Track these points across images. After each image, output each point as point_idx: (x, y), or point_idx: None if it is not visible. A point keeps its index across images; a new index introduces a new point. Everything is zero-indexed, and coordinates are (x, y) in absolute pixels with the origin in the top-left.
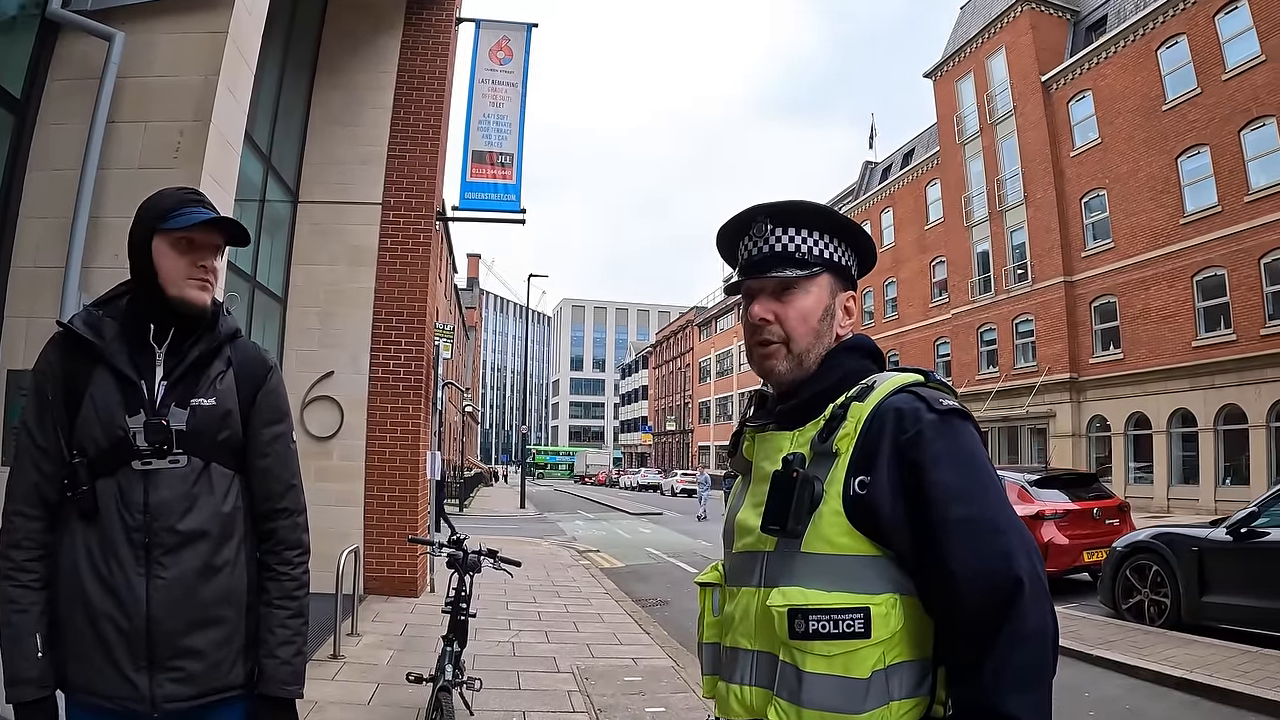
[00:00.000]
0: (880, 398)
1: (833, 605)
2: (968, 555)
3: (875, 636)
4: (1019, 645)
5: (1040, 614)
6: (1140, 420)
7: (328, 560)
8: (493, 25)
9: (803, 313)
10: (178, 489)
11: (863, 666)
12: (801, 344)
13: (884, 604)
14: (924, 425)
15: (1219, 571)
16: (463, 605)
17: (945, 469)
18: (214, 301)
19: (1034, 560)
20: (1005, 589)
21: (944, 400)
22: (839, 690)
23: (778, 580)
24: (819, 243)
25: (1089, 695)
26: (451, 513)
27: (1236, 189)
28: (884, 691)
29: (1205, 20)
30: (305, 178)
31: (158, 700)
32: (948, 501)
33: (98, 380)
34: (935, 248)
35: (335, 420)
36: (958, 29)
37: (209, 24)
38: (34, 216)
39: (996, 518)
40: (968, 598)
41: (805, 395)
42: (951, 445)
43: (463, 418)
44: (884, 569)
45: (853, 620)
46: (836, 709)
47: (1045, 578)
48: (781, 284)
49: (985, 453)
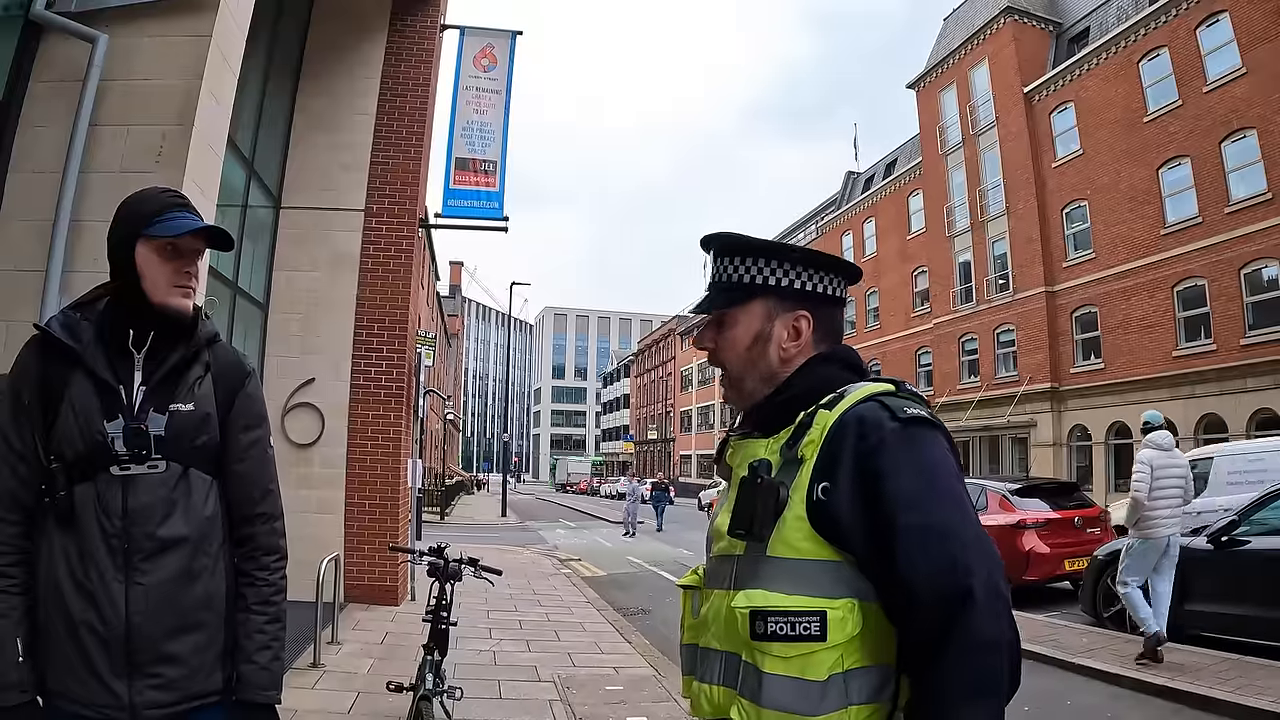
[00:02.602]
0: (846, 406)
1: (790, 607)
2: (918, 563)
3: (831, 640)
4: (968, 655)
5: (992, 625)
6: (1121, 430)
7: (308, 568)
8: (477, 32)
9: (731, 341)
10: (156, 494)
11: (819, 669)
12: (734, 370)
13: (841, 608)
14: (885, 433)
15: (1200, 580)
16: (444, 614)
17: (902, 477)
18: (194, 306)
19: (989, 570)
20: (954, 598)
21: (909, 409)
22: (796, 691)
23: (745, 583)
24: (752, 270)
25: (1071, 704)
26: (432, 521)
27: (1217, 200)
28: (842, 695)
29: (1187, 33)
30: (288, 183)
31: (137, 707)
32: (902, 509)
33: (76, 385)
34: (917, 258)
35: (316, 427)
36: (941, 40)
37: (193, 28)
38: (15, 219)
39: (951, 526)
40: (917, 605)
41: (771, 405)
42: (911, 454)
43: (444, 426)
44: (844, 574)
45: (809, 623)
46: (793, 710)
47: (1004, 588)
48: (718, 316)
49: (952, 462)
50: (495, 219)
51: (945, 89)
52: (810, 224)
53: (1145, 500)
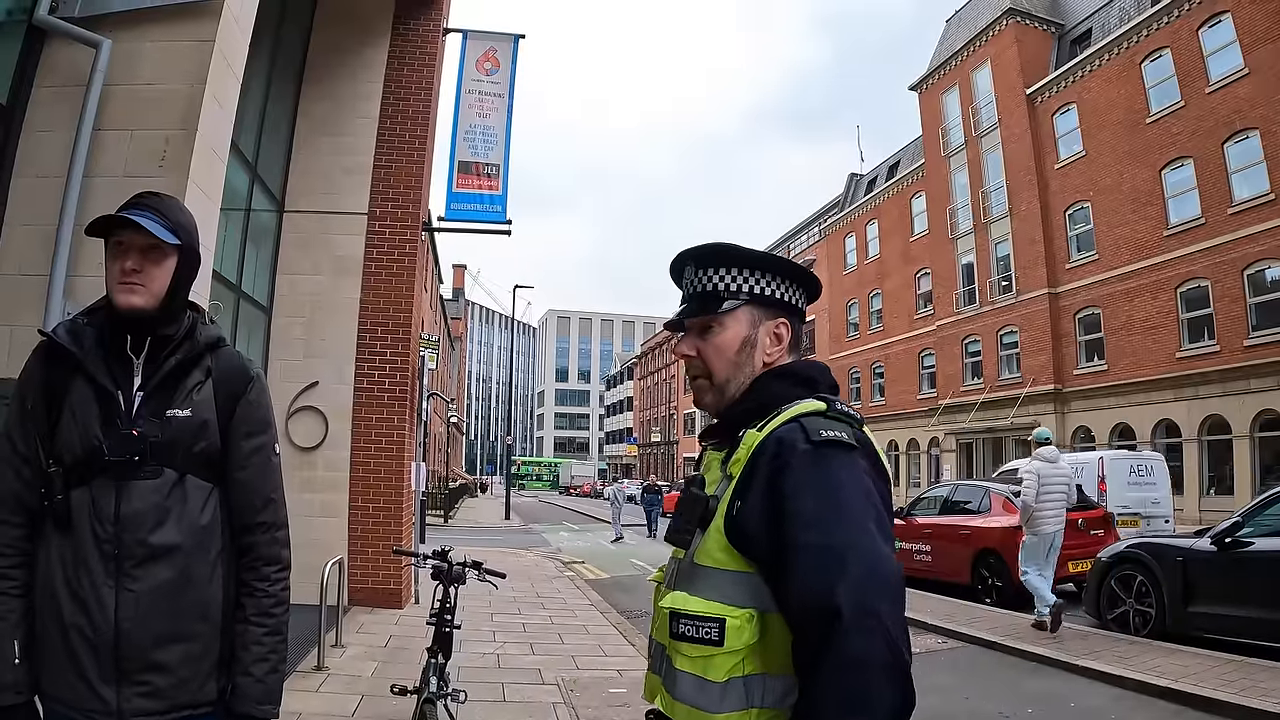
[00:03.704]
0: (772, 428)
1: (697, 612)
2: (801, 581)
3: (728, 646)
4: (837, 673)
5: (863, 645)
6: (1125, 431)
7: (312, 571)
8: (480, 36)
9: (719, 347)
10: (150, 501)
11: (718, 671)
12: (721, 375)
13: (740, 618)
14: (795, 455)
15: (1203, 581)
16: (447, 617)
17: (803, 497)
18: (193, 308)
19: (865, 591)
20: (824, 617)
21: (825, 431)
22: (698, 689)
23: (677, 585)
24: (737, 279)
25: (1074, 705)
26: (437, 524)
27: (1220, 201)
28: (743, 698)
29: (1189, 34)
30: (291, 187)
31: (125, 714)
32: (799, 528)
33: (75, 390)
34: (920, 260)
35: (320, 430)
36: (943, 42)
37: (196, 33)
38: (19, 224)
39: (838, 547)
40: (797, 622)
41: (726, 419)
42: (816, 475)
43: (448, 429)
44: (751, 585)
45: (710, 628)
46: (696, 705)
47: (884, 609)
48: (703, 323)
49: (863, 484)
50: (498, 222)
51: (948, 91)
52: (813, 226)
53: (1032, 503)
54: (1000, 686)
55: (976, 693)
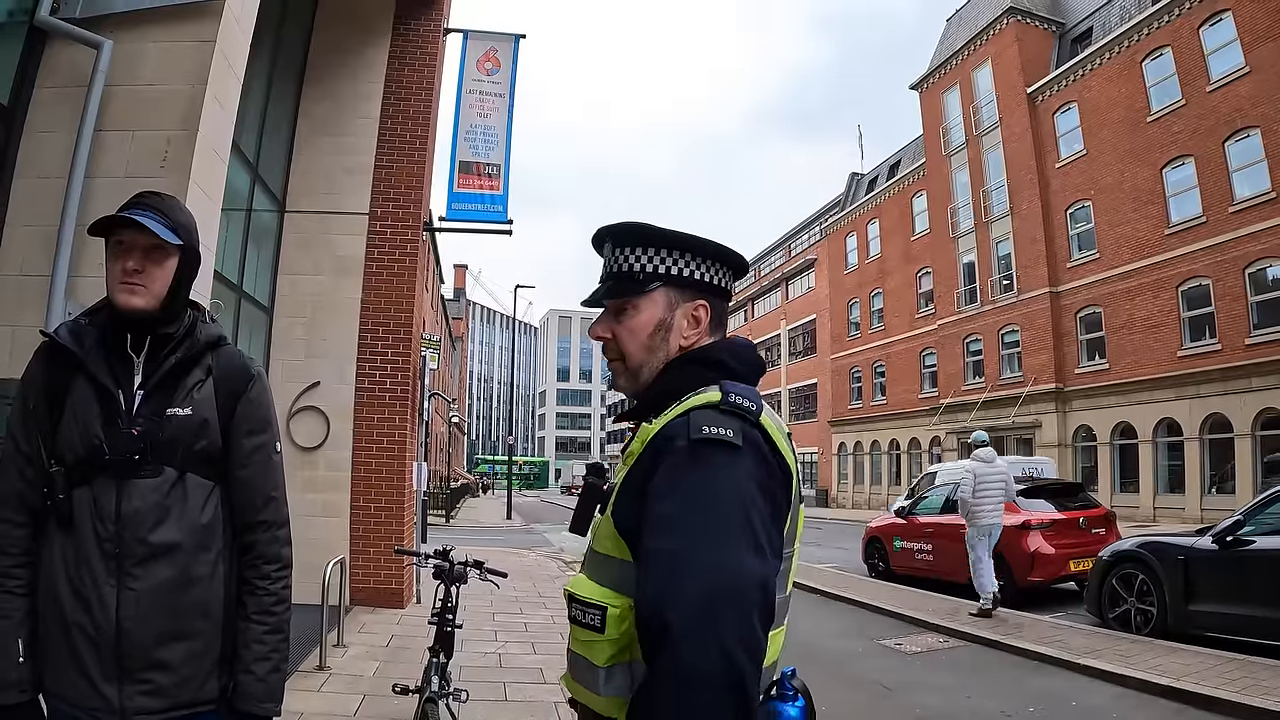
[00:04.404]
0: (666, 420)
1: (585, 597)
2: (646, 585)
3: (608, 634)
4: (661, 682)
5: (691, 659)
6: (1126, 430)
7: (313, 571)
8: (480, 36)
9: (632, 329)
10: (150, 499)
11: (601, 656)
12: (635, 359)
13: (622, 607)
14: (670, 452)
15: (1205, 580)
16: (449, 616)
17: (665, 500)
18: (194, 307)
19: (704, 605)
20: (653, 627)
21: (709, 428)
22: (586, 670)
23: (582, 569)
24: (654, 259)
25: (1076, 704)
26: (438, 524)
27: (1221, 200)
28: (627, 682)
29: (1190, 32)
30: (292, 187)
31: (127, 712)
32: (653, 531)
33: (77, 390)
34: (921, 259)
35: (321, 430)
36: (944, 41)
37: (197, 33)
38: (20, 224)
39: (685, 555)
40: (639, 625)
41: (635, 405)
42: (683, 476)
43: (449, 429)
44: (632, 576)
45: (594, 615)
46: (585, 685)
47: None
48: (618, 305)
49: (738, 489)
50: (499, 222)
51: (948, 90)
52: (814, 225)
53: (970, 499)
54: (1002, 685)
55: (978, 692)
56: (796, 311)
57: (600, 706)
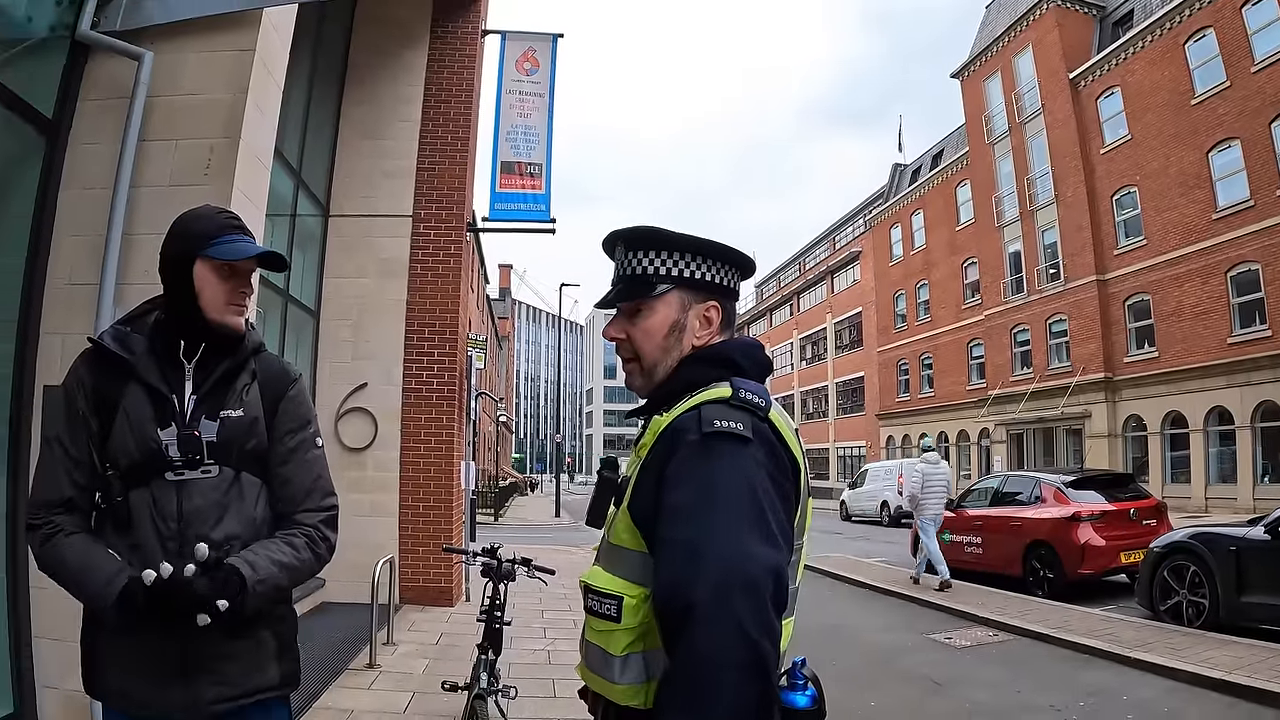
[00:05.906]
0: (677, 414)
1: (602, 588)
2: (663, 573)
3: (624, 623)
4: (684, 667)
5: (711, 642)
6: (1176, 419)
7: (363, 570)
8: (518, 36)
9: (647, 330)
10: (210, 498)
11: (617, 646)
12: (650, 359)
13: (638, 597)
14: (681, 445)
15: (1257, 571)
16: (498, 614)
17: (679, 490)
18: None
19: (722, 589)
20: (676, 612)
21: (719, 422)
22: (602, 660)
23: (597, 561)
24: (666, 262)
25: (1127, 699)
26: (487, 522)
27: (1268, 182)
28: (642, 671)
29: (1232, 12)
30: (335, 191)
31: (199, 704)
32: (668, 520)
33: (130, 395)
34: (966, 249)
35: (369, 431)
36: (984, 28)
37: (236, 43)
38: (68, 235)
39: (701, 543)
40: (658, 614)
41: (651, 401)
42: (696, 467)
43: (497, 428)
44: (648, 566)
45: (610, 605)
46: (600, 674)
47: (742, 608)
48: (632, 306)
49: (749, 479)
50: (542, 221)
51: (990, 77)
52: (858, 218)
53: (919, 494)
54: (1052, 679)
55: (1028, 686)
56: (842, 305)
57: (616, 695)
